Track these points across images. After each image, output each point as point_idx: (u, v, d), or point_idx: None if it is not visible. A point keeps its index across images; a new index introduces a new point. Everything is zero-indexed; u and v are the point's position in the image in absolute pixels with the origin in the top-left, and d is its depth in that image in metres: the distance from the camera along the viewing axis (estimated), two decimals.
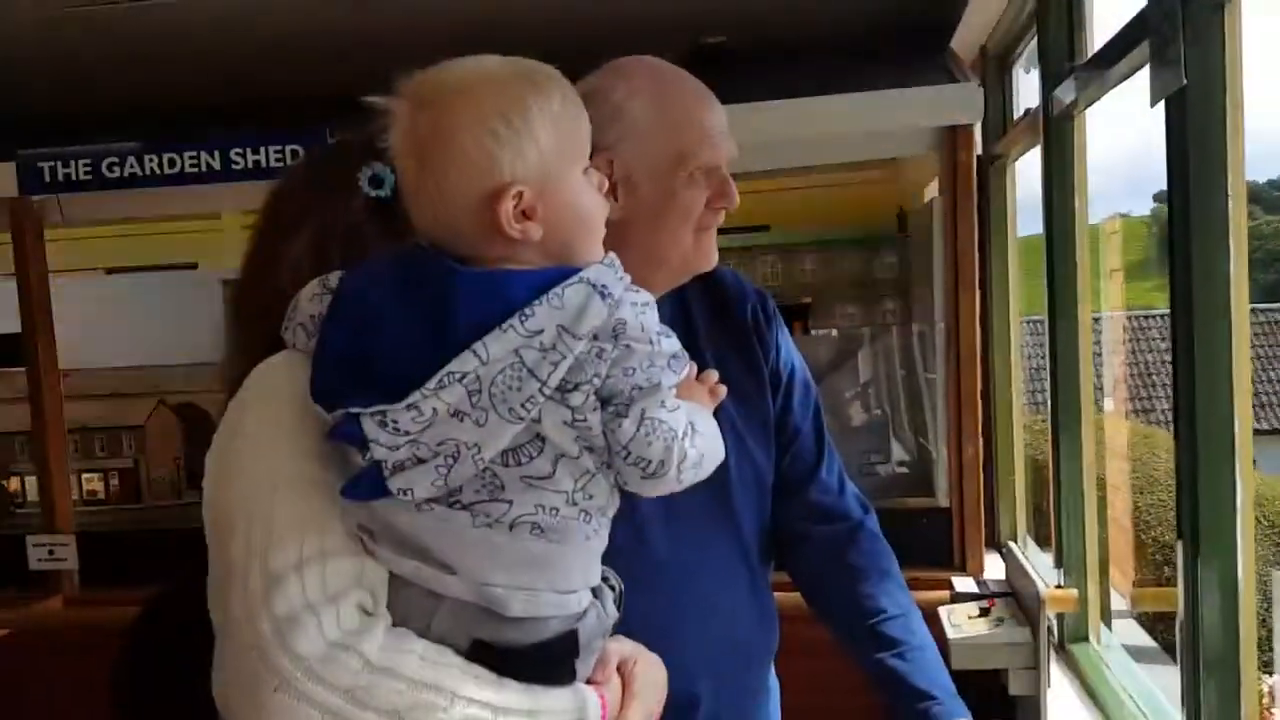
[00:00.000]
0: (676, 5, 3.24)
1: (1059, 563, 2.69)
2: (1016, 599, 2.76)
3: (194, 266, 4.92)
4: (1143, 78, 1.84)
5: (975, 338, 3.21)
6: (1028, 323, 3.65)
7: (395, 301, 1.00)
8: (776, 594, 1.58)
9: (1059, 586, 2.67)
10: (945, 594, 2.86)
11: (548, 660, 1.05)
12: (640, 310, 0.99)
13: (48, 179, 3.51)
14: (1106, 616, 2.69)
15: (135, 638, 1.37)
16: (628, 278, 1.02)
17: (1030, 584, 2.63)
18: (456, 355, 0.95)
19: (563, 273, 0.99)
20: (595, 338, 0.97)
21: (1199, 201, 1.62)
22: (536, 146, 1.01)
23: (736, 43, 3.53)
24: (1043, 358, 2.83)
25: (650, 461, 1.01)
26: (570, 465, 1.02)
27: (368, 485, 1.00)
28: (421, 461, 0.98)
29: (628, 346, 0.98)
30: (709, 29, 3.45)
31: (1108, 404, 3.88)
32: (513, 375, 0.96)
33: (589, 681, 1.11)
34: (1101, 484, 2.75)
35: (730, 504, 1.48)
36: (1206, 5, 1.56)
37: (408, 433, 0.97)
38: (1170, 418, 1.81)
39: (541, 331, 0.96)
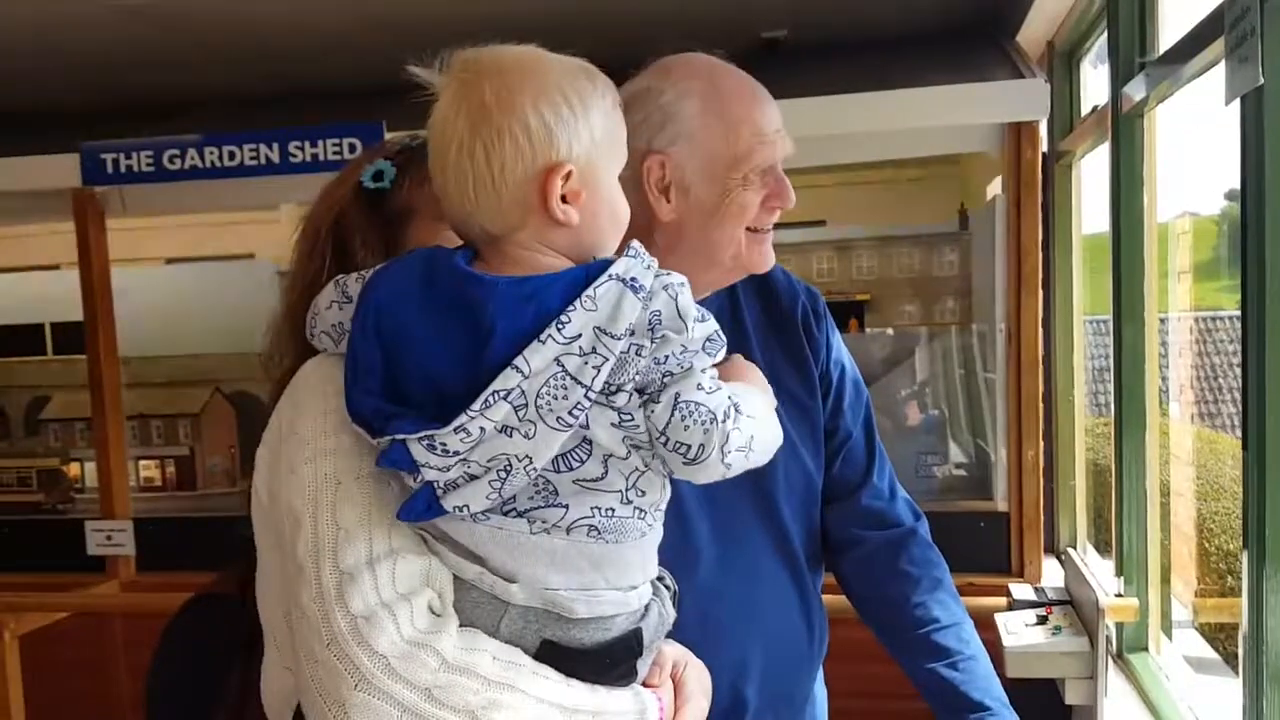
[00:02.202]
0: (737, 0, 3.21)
1: (1119, 570, 2.63)
2: (1075, 607, 2.71)
3: (250, 257, 4.99)
4: (1215, 75, 1.78)
5: (1037, 338, 3.15)
6: (1091, 323, 3.57)
7: (425, 317, 0.99)
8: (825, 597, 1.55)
9: (1119, 595, 2.61)
10: (1002, 600, 2.80)
11: (612, 660, 1.05)
12: (672, 297, 0.97)
13: (110, 170, 3.57)
14: (1167, 626, 2.62)
15: (169, 639, 1.38)
16: (654, 263, 0.99)
17: (1089, 592, 2.57)
18: (499, 371, 0.94)
19: (590, 271, 0.97)
20: (632, 333, 0.95)
21: (1274, 202, 1.57)
22: (591, 133, 1.00)
23: (797, 37, 3.49)
24: (1106, 359, 2.76)
25: (689, 446, 0.98)
26: (620, 465, 1.01)
27: (423, 505, 0.99)
28: (474, 478, 0.97)
29: (663, 337, 0.96)
30: (769, 23, 3.42)
31: (1173, 408, 3.79)
32: (557, 385, 0.94)
33: (644, 684, 1.10)
34: (1165, 490, 2.69)
35: (777, 509, 1.46)
36: None
37: (457, 453, 0.95)
38: (1237, 423, 1.76)
39: (579, 336, 0.94)
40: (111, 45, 3.42)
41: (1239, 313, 1.71)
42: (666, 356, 0.97)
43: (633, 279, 0.96)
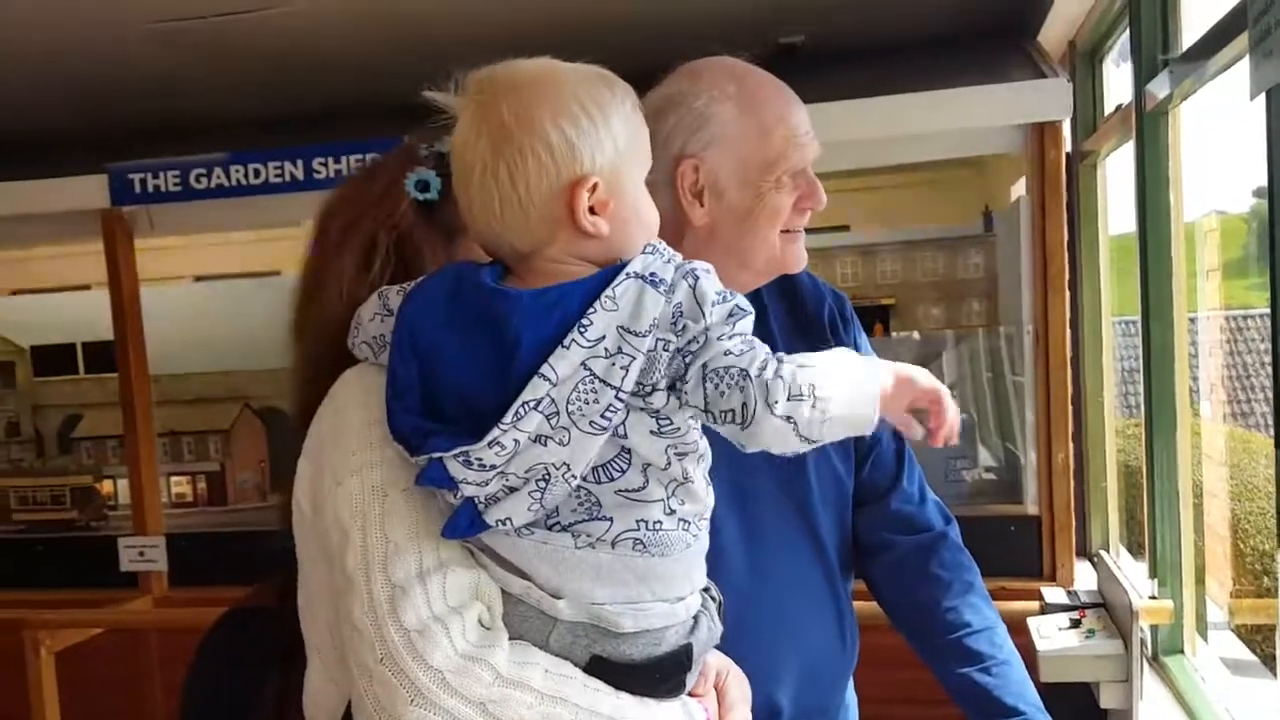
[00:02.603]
0: (754, 5, 3.21)
1: (1153, 572, 2.60)
2: (1108, 610, 2.68)
3: (277, 274, 5.02)
4: (1239, 70, 1.77)
5: (1065, 340, 3.12)
6: (1119, 324, 3.54)
7: (452, 333, 0.99)
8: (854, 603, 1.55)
9: (1153, 597, 2.58)
10: (1034, 605, 2.78)
11: (662, 675, 1.05)
12: (691, 286, 0.96)
13: (138, 190, 3.62)
14: (1202, 628, 2.59)
15: (205, 652, 1.39)
16: (676, 256, 0.99)
17: (1123, 594, 2.54)
18: (526, 382, 0.94)
19: (610, 273, 0.97)
20: (658, 328, 0.95)
21: None
22: (613, 142, 1.00)
23: (815, 42, 3.49)
24: (1135, 359, 2.74)
25: (734, 411, 0.96)
26: (659, 475, 1.00)
27: (466, 521, 0.99)
28: (514, 490, 0.97)
29: (684, 328, 0.96)
30: (787, 28, 3.42)
31: (1204, 408, 3.75)
32: (586, 389, 0.94)
33: (690, 693, 1.10)
34: (1198, 491, 2.66)
35: (811, 515, 1.45)
36: None
37: (493, 466, 0.95)
38: (1270, 422, 1.73)
39: (603, 338, 0.94)
40: (142, 70, 3.46)
41: (1269, 310, 1.69)
42: (689, 342, 0.96)
43: (652, 274, 0.96)
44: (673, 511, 1.01)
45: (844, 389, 0.99)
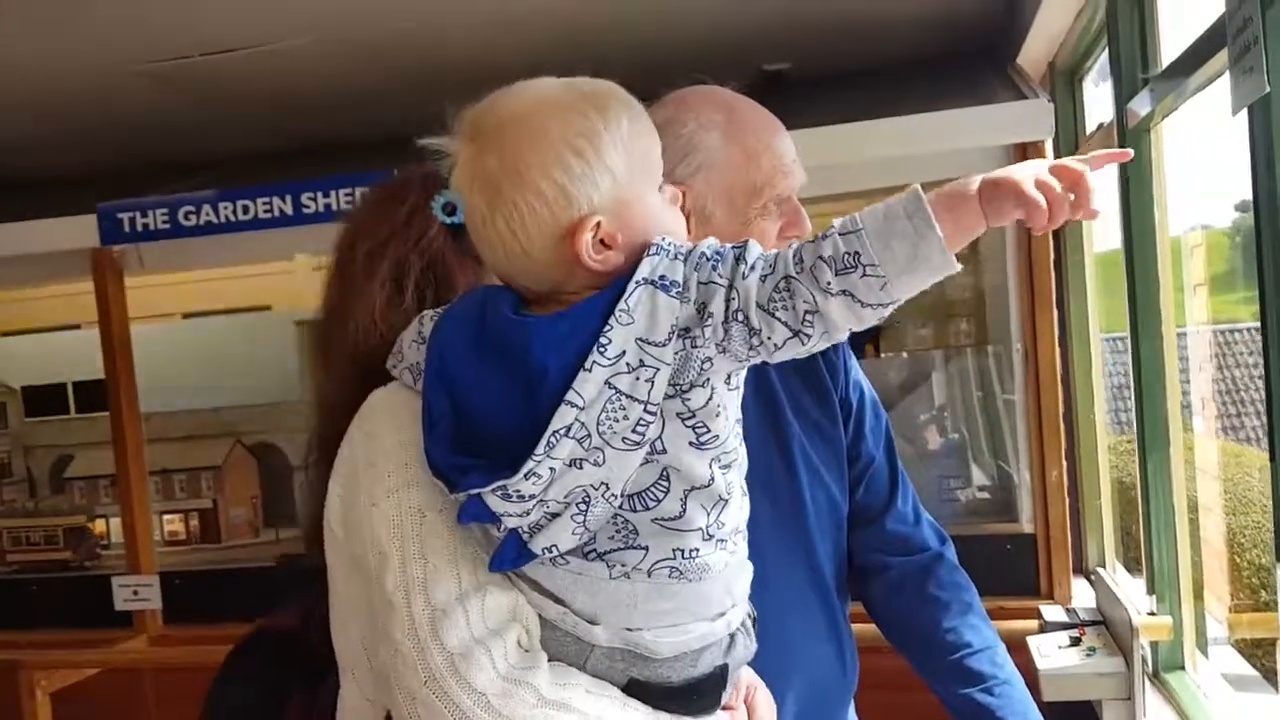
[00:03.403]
0: (738, 33, 3.24)
1: (1151, 589, 2.60)
2: (1108, 627, 2.68)
3: (267, 309, 5.02)
4: (1218, 85, 1.78)
5: (1054, 357, 3.14)
6: (1108, 340, 3.55)
7: (478, 363, 0.98)
8: (853, 625, 1.54)
9: (1151, 613, 2.58)
10: (1033, 623, 2.78)
11: (699, 695, 1.05)
12: (704, 279, 0.93)
13: (127, 229, 3.62)
14: (1202, 643, 2.59)
15: (227, 671, 1.38)
16: (684, 246, 0.96)
17: (1122, 611, 2.54)
18: (554, 410, 0.92)
19: (621, 284, 0.94)
20: (685, 330, 0.93)
21: None
22: (610, 174, 0.97)
23: (800, 68, 3.52)
24: (1124, 376, 2.75)
25: (806, 311, 0.91)
26: (701, 497, 0.98)
27: (513, 553, 0.98)
28: (555, 516, 0.96)
29: (717, 306, 0.92)
30: (771, 57, 3.45)
31: (1197, 422, 3.76)
32: (614, 407, 0.93)
33: (723, 706, 1.11)
34: (1193, 505, 2.66)
35: (807, 538, 1.45)
36: None
37: (532, 496, 0.95)
38: (1262, 435, 1.74)
39: (624, 353, 0.92)
40: (133, 109, 3.48)
41: (1256, 324, 1.70)
42: (732, 310, 0.92)
43: (661, 277, 0.94)
44: (711, 536, 1.00)
45: (900, 247, 0.91)
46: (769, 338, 0.92)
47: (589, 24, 3.10)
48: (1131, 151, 0.97)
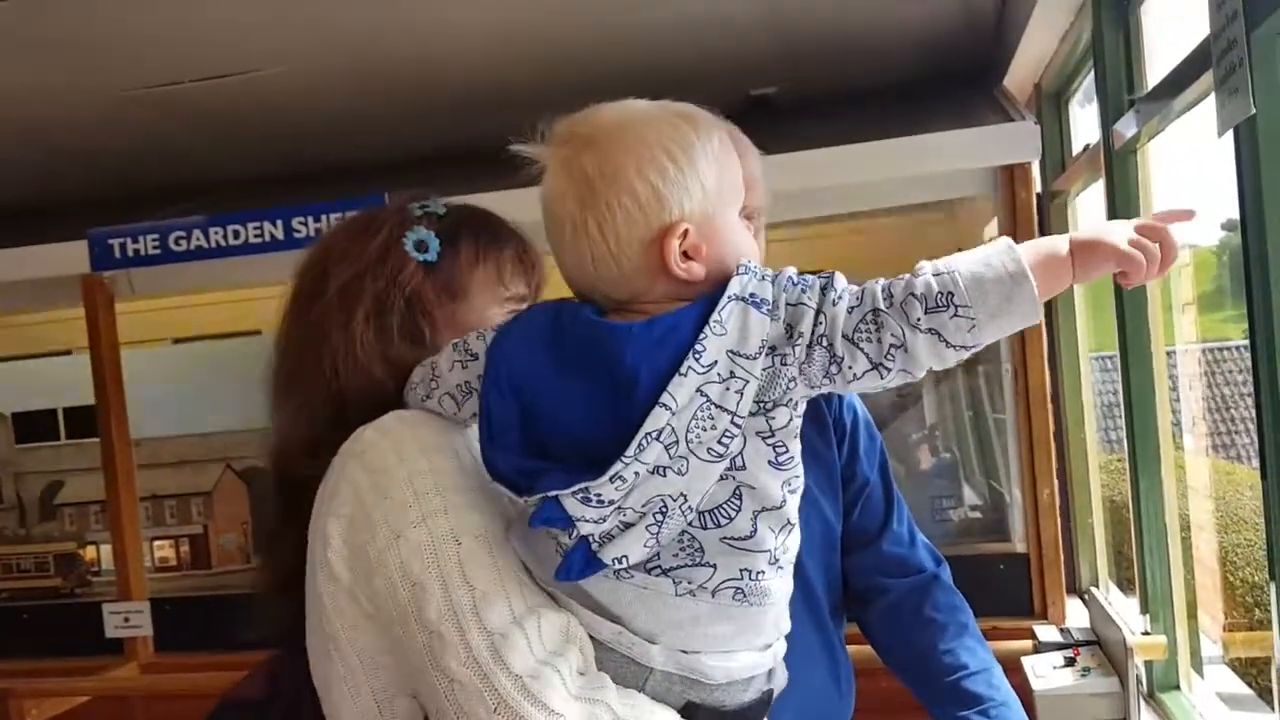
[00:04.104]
0: (726, 58, 3.26)
1: (1145, 608, 2.60)
2: (1102, 647, 2.67)
3: (258, 334, 5.01)
4: (1205, 107, 1.80)
5: (1044, 376, 3.15)
6: (1096, 359, 3.57)
7: (559, 371, 0.99)
8: (848, 648, 1.54)
9: (1145, 633, 2.58)
10: (1028, 644, 2.77)
11: (750, 718, 1.06)
12: (793, 302, 0.95)
13: (118, 255, 3.62)
14: (1197, 663, 2.59)
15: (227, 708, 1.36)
16: (768, 272, 0.98)
17: (1116, 631, 2.54)
18: (647, 413, 0.93)
19: (712, 298, 0.96)
20: (772, 349, 0.95)
21: (1274, 229, 1.57)
22: (701, 185, 0.99)
23: (788, 93, 3.54)
24: (1113, 394, 2.75)
25: (894, 345, 0.93)
26: (771, 519, 0.99)
27: (580, 562, 0.96)
28: (629, 526, 0.96)
29: (804, 329, 0.94)
30: (759, 81, 3.47)
31: (1187, 441, 3.77)
32: (704, 415, 0.94)
33: None
34: (1185, 524, 2.67)
35: (800, 561, 1.44)
36: (1272, 32, 1.53)
37: (611, 502, 0.95)
38: (1252, 453, 1.75)
39: (716, 363, 0.94)
40: (124, 135, 3.49)
41: (1245, 342, 1.71)
42: (817, 335, 0.94)
43: (752, 294, 0.96)
44: (775, 561, 1.01)
45: (992, 294, 0.93)
46: (850, 367, 0.95)
47: (576, 50, 3.12)
48: (1195, 210, 1.02)
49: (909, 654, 1.50)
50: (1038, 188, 3.24)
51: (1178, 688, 2.56)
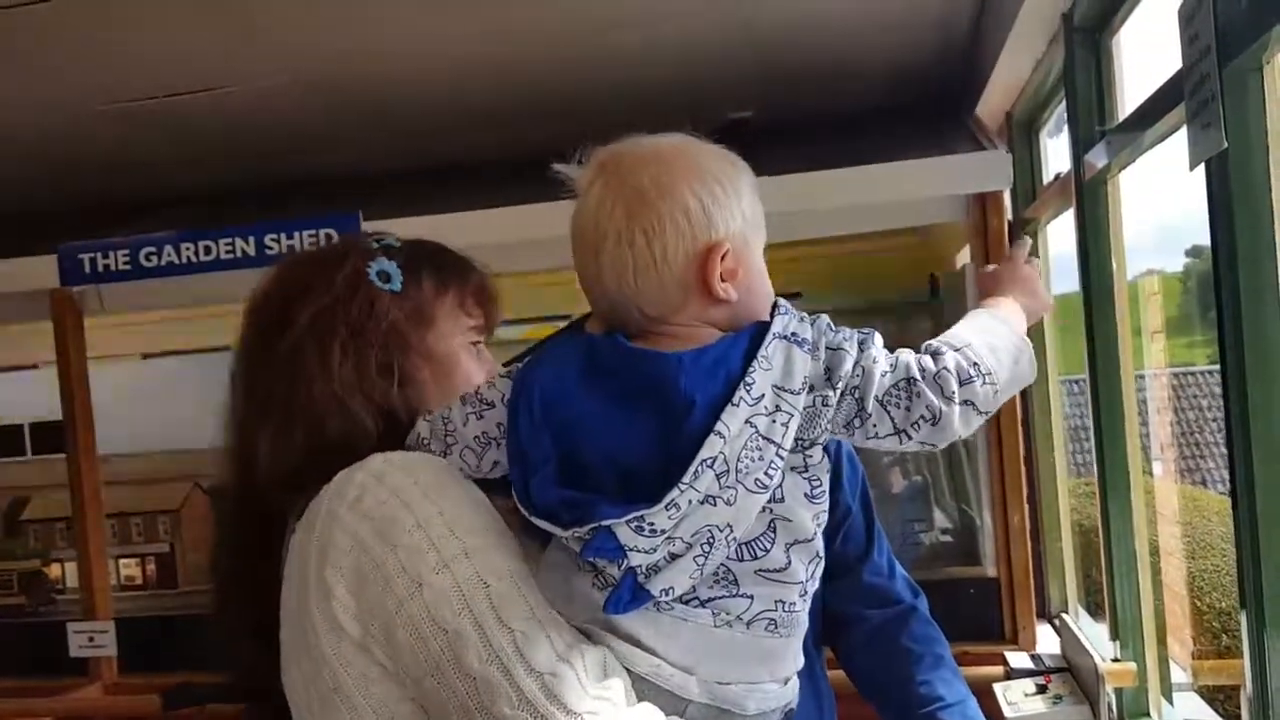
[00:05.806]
0: (703, 82, 3.28)
1: (1114, 634, 2.61)
2: (1073, 674, 2.68)
3: (227, 349, 4.97)
4: (1176, 139, 1.82)
5: (1015, 400, 3.16)
6: (1064, 383, 3.60)
7: (598, 400, 0.99)
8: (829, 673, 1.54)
9: (1116, 659, 2.59)
10: (999, 669, 2.78)
11: None
12: (832, 345, 1.00)
13: (88, 270, 3.57)
14: (1167, 690, 2.60)
15: None
16: (805, 315, 1.03)
17: (1087, 658, 2.55)
18: (702, 440, 0.95)
19: (754, 334, 1.00)
20: (811, 388, 0.98)
21: (1248, 265, 1.59)
22: (742, 212, 1.04)
23: (764, 116, 3.56)
24: (1082, 419, 2.77)
25: (924, 417, 1.00)
26: (802, 551, 1.02)
27: (628, 594, 0.97)
28: (677, 557, 0.97)
29: (841, 376, 0.98)
30: (735, 105, 3.49)
31: (1155, 466, 3.80)
32: (753, 446, 0.96)
33: None
34: (1154, 550, 2.68)
35: None
36: (1245, 67, 1.55)
37: (664, 531, 0.95)
38: (1217, 478, 1.76)
39: (763, 396, 0.97)
40: (94, 150, 3.46)
41: (1211, 368, 1.72)
42: (850, 387, 0.99)
43: (793, 334, 1.00)
44: (805, 593, 1.04)
45: (1005, 359, 1.05)
46: (874, 426, 1.00)
47: (554, 72, 3.13)
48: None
49: (884, 684, 1.51)
50: (1009, 215, 3.27)
51: (1148, 715, 2.57)
